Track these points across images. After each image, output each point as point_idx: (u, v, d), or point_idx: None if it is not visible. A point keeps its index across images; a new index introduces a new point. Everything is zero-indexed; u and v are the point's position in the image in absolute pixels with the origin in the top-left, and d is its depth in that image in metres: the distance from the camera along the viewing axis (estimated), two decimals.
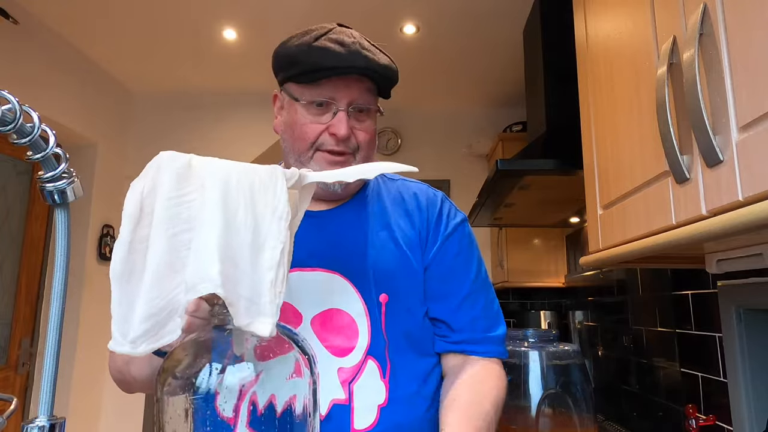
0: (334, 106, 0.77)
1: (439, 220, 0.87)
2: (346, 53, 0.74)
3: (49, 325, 0.53)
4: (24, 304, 2.64)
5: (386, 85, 0.82)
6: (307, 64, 0.75)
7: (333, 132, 0.77)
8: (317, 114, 0.78)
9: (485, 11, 2.44)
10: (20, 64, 2.41)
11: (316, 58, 0.74)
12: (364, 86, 0.79)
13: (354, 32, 0.80)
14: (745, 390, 1.08)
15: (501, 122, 3.45)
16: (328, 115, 0.78)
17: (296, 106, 0.79)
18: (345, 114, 0.77)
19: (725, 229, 0.60)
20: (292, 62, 0.77)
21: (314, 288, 0.79)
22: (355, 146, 0.80)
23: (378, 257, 0.81)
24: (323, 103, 0.77)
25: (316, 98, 0.77)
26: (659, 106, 0.73)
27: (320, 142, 0.78)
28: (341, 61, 0.74)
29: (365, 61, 0.75)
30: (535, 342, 0.89)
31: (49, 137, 0.51)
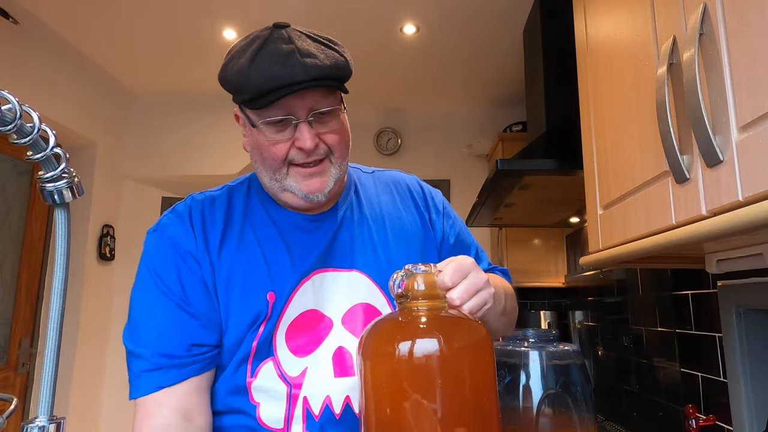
0: (292, 119, 0.74)
1: (432, 201, 0.95)
2: (287, 69, 0.69)
3: (49, 325, 0.53)
4: (24, 304, 2.64)
5: (342, 78, 0.76)
6: (250, 90, 0.71)
7: (299, 146, 0.74)
8: (278, 132, 0.75)
9: (485, 11, 2.44)
10: (20, 64, 2.41)
11: (258, 82, 0.70)
12: (318, 92, 0.74)
13: (291, 32, 0.74)
14: (745, 390, 1.08)
15: (501, 122, 3.45)
16: (290, 130, 0.75)
17: (256, 130, 0.76)
18: (306, 124, 0.74)
19: (725, 229, 0.60)
20: (236, 89, 0.73)
21: (336, 288, 0.80)
22: (326, 150, 0.78)
23: (386, 246, 0.85)
24: (281, 120, 0.74)
25: (272, 118, 0.73)
26: (659, 106, 0.73)
27: (291, 158, 0.76)
28: (283, 79, 0.69)
29: (307, 72, 0.70)
30: (535, 342, 0.89)
31: (49, 137, 0.51)
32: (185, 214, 0.80)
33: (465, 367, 0.57)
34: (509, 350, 0.88)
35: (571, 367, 0.85)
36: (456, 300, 0.62)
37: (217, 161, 3.24)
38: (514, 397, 0.84)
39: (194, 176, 3.28)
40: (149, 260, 0.77)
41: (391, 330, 0.61)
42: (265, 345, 0.75)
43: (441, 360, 0.55)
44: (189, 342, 0.73)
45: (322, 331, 0.78)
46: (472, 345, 0.60)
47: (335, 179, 0.79)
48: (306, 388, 0.74)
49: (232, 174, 3.16)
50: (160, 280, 0.75)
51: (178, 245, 0.77)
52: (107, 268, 3.08)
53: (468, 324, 0.62)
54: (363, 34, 2.66)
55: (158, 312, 0.74)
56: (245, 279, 0.77)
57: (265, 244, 0.80)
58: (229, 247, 0.79)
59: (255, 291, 0.76)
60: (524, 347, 0.87)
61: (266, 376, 0.75)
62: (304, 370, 0.75)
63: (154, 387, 0.71)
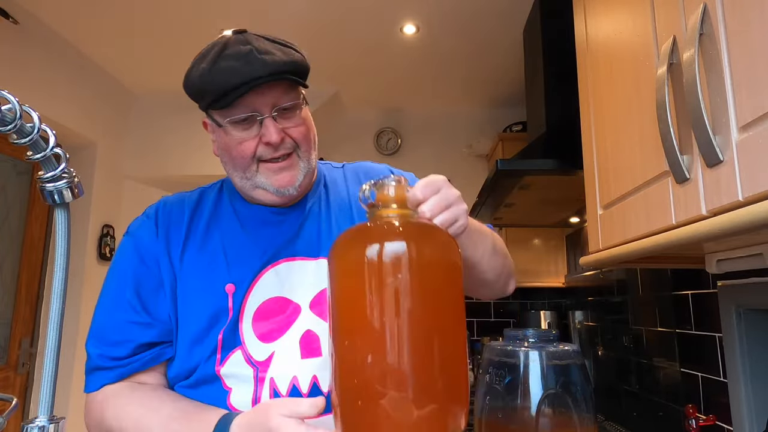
0: (257, 116, 0.77)
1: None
2: (247, 66, 0.73)
3: (49, 325, 0.53)
4: (24, 304, 2.64)
5: (298, 77, 0.79)
6: (213, 91, 0.74)
7: (266, 141, 0.77)
8: (245, 130, 0.78)
9: (485, 11, 2.44)
10: (20, 64, 2.41)
11: (220, 82, 0.73)
12: (279, 87, 0.77)
13: (248, 36, 0.78)
14: (745, 390, 1.08)
15: (501, 122, 3.45)
16: (256, 127, 0.78)
17: (223, 131, 0.79)
18: (271, 120, 0.77)
19: (725, 229, 0.60)
20: (200, 93, 0.77)
21: (303, 276, 0.82)
22: (293, 144, 0.80)
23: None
24: (246, 119, 0.77)
25: (237, 117, 0.76)
26: (659, 106, 0.73)
27: (259, 155, 0.79)
28: (244, 75, 0.73)
29: (266, 68, 0.73)
30: (535, 342, 0.89)
31: (49, 137, 0.51)
32: (152, 217, 0.85)
33: (434, 272, 0.56)
34: (509, 350, 0.88)
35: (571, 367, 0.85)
36: (427, 212, 0.62)
37: (216, 161, 3.19)
38: (514, 397, 0.84)
39: (194, 176, 3.28)
40: (114, 262, 0.84)
41: (360, 233, 0.60)
42: (232, 335, 0.77)
43: (409, 262, 0.54)
44: (135, 343, 0.77)
45: (289, 317, 0.79)
46: (442, 250, 0.59)
47: (305, 173, 0.82)
48: (272, 370, 0.76)
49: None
50: (117, 283, 0.81)
51: (141, 248, 0.81)
52: (107, 268, 3.08)
53: (439, 231, 0.61)
54: (363, 34, 2.65)
55: (112, 309, 0.80)
56: (204, 276, 0.80)
57: (227, 239, 0.83)
58: (191, 248, 0.82)
59: (213, 286, 0.79)
60: (524, 347, 0.87)
61: (234, 362, 0.77)
62: (272, 354, 0.77)
63: (101, 384, 0.77)
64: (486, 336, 3.29)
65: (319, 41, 2.70)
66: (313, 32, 2.62)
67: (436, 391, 0.54)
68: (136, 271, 0.80)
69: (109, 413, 0.74)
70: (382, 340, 0.53)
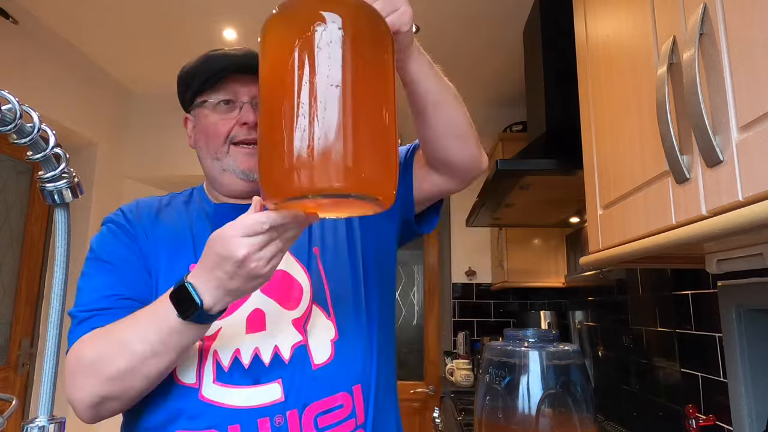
0: (239, 101, 0.85)
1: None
2: (241, 54, 0.84)
3: (49, 325, 0.53)
4: (24, 304, 2.64)
5: None
6: (206, 71, 0.85)
7: (243, 121, 0.84)
8: (225, 112, 0.85)
9: (485, 11, 2.44)
10: (20, 64, 2.41)
11: (213, 63, 0.84)
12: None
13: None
14: (745, 390, 1.08)
15: (501, 122, 3.45)
16: (236, 111, 0.85)
17: (206, 110, 0.86)
18: (250, 105, 0.85)
19: (725, 229, 0.60)
20: (193, 75, 0.86)
21: None
22: None
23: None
24: (228, 101, 0.85)
25: (222, 97, 0.85)
26: (659, 106, 0.73)
27: (233, 135, 0.85)
28: (237, 60, 0.83)
29: (255, 57, 0.78)
30: (535, 342, 0.89)
31: (49, 137, 0.51)
32: (126, 209, 0.91)
33: (362, 43, 0.55)
34: (509, 350, 0.88)
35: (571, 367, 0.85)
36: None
37: None
38: (514, 397, 0.84)
39: (194, 176, 3.27)
40: (91, 247, 0.86)
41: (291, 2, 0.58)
42: None
43: (342, 26, 0.53)
44: (114, 293, 0.79)
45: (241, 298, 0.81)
46: (375, 28, 0.58)
47: None
48: (216, 343, 0.78)
49: None
50: (96, 254, 0.84)
51: (117, 229, 0.86)
52: None
53: (374, 11, 0.59)
54: None
55: (90, 277, 0.82)
56: (171, 252, 0.83)
57: (196, 227, 0.87)
58: (160, 233, 0.86)
59: (179, 263, 0.82)
60: (524, 347, 0.87)
61: None
62: (218, 329, 0.78)
63: (82, 333, 0.75)
64: (486, 336, 3.29)
65: None
66: None
67: (361, 151, 0.53)
68: (109, 240, 0.85)
69: (85, 349, 0.72)
70: (305, 100, 0.52)
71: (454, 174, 0.92)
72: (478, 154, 0.93)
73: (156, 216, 0.89)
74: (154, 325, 0.67)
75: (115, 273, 0.81)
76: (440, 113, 0.84)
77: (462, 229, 3.39)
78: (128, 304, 0.78)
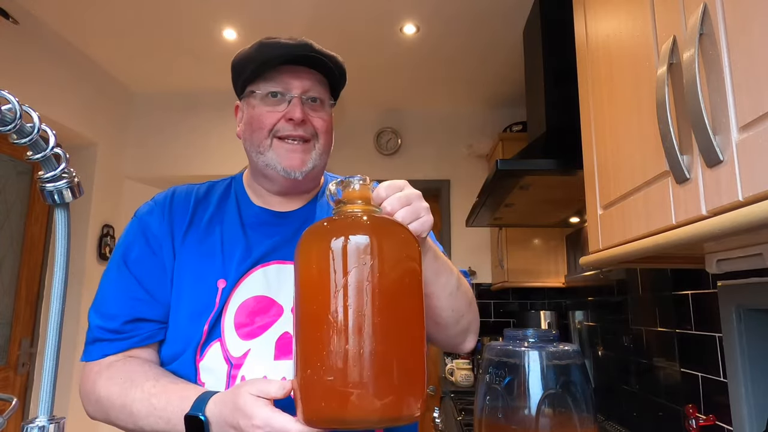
0: (288, 95, 0.83)
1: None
2: (295, 44, 0.81)
3: (49, 325, 0.53)
4: (24, 304, 2.64)
5: (335, 80, 0.87)
6: (259, 58, 0.81)
7: (289, 116, 0.81)
8: (273, 104, 0.83)
9: (485, 11, 2.44)
10: (20, 64, 2.41)
11: (267, 51, 0.81)
12: (315, 77, 0.84)
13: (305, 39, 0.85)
14: (745, 390, 1.08)
15: (501, 122, 3.45)
16: (284, 105, 0.83)
17: (253, 101, 0.84)
18: (299, 100, 0.82)
19: (725, 229, 0.60)
20: (246, 62, 0.83)
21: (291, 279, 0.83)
22: (313, 131, 0.84)
23: None
24: (277, 93, 0.83)
25: (271, 89, 0.83)
26: (659, 106, 0.73)
27: (277, 129, 0.83)
28: (290, 49, 0.81)
29: (311, 50, 0.81)
30: (535, 342, 0.89)
31: (49, 137, 0.51)
32: (160, 203, 0.88)
33: (393, 265, 0.58)
34: (509, 350, 0.88)
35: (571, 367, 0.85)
36: (387, 207, 0.66)
37: (217, 161, 3.24)
38: (514, 397, 0.84)
39: (194, 176, 3.28)
40: (120, 242, 0.86)
41: (324, 225, 0.62)
42: (214, 328, 0.80)
43: (370, 253, 0.56)
44: (135, 315, 0.80)
45: (271, 317, 0.81)
46: (401, 245, 0.61)
47: (314, 163, 0.85)
48: (244, 368, 0.78)
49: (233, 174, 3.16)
50: (123, 257, 0.84)
51: (147, 230, 0.85)
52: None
53: (399, 227, 0.64)
54: (363, 34, 2.66)
55: (114, 285, 0.83)
56: (199, 268, 0.83)
57: (226, 235, 0.86)
58: (192, 238, 0.85)
59: (207, 278, 0.82)
60: (524, 347, 0.87)
61: (213, 356, 0.79)
62: (247, 351, 0.79)
63: (100, 354, 0.80)
64: (486, 336, 3.29)
65: (319, 41, 2.69)
66: (313, 32, 2.62)
67: (392, 381, 0.56)
68: (140, 251, 0.84)
69: (100, 383, 0.77)
70: (340, 330, 0.55)
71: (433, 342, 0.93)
72: (459, 344, 0.91)
73: (191, 216, 0.87)
74: (162, 420, 0.71)
75: (140, 291, 0.81)
76: (430, 304, 0.82)
77: (462, 229, 3.39)
78: (147, 333, 0.81)
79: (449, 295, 0.82)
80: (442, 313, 0.83)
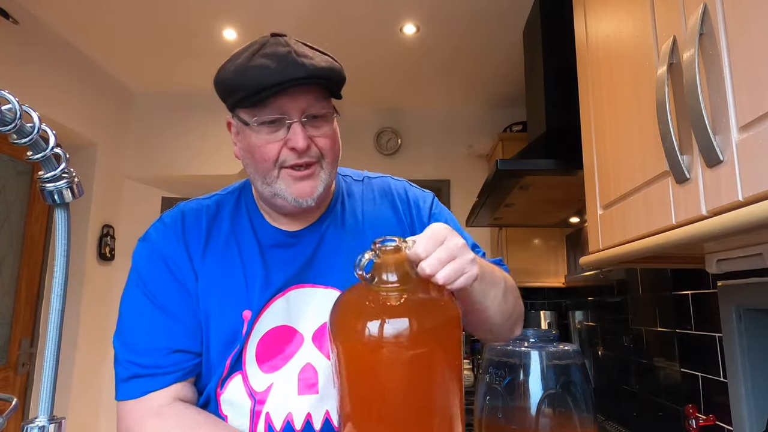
0: (286, 120, 0.75)
1: (417, 209, 0.92)
2: (282, 66, 0.71)
3: (49, 325, 0.53)
4: (24, 304, 2.64)
5: (333, 86, 0.78)
6: (246, 87, 0.72)
7: (291, 146, 0.74)
8: (271, 132, 0.75)
9: (485, 11, 2.44)
10: (20, 64, 2.41)
11: (254, 79, 0.71)
12: (311, 94, 0.76)
13: (288, 39, 0.76)
14: (745, 390, 1.08)
15: (501, 122, 3.45)
16: (283, 131, 0.75)
17: (248, 129, 0.77)
18: (299, 125, 0.75)
19: (725, 229, 0.60)
20: (232, 89, 0.75)
21: (310, 304, 0.81)
22: (318, 154, 0.78)
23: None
24: (274, 121, 0.75)
25: (266, 117, 0.74)
26: (659, 106, 0.73)
27: (282, 160, 0.76)
28: (279, 76, 0.71)
29: (303, 70, 0.72)
30: (535, 342, 0.89)
31: (49, 137, 0.51)
32: (171, 224, 0.82)
33: (429, 346, 0.58)
34: (509, 350, 0.88)
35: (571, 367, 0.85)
36: (427, 269, 0.60)
37: (217, 161, 3.24)
38: (514, 397, 0.84)
39: (194, 176, 3.28)
40: (137, 268, 0.80)
41: (361, 302, 0.60)
42: (237, 361, 0.78)
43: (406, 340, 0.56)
44: (172, 348, 0.76)
45: (292, 347, 0.79)
46: (443, 318, 0.60)
47: (325, 184, 0.79)
48: (269, 404, 0.77)
49: (232, 174, 3.16)
50: (146, 288, 0.78)
51: (164, 253, 0.80)
52: (107, 268, 3.08)
53: (438, 297, 0.61)
54: (363, 34, 2.66)
55: (144, 318, 0.77)
56: (223, 295, 0.79)
57: (247, 260, 0.81)
58: (211, 258, 0.80)
59: (233, 308, 0.78)
60: (524, 347, 0.87)
61: (234, 389, 0.77)
62: (270, 385, 0.77)
63: (141, 392, 0.74)
64: None
65: (319, 41, 2.69)
66: (313, 32, 2.62)
67: None
68: (162, 278, 0.79)
69: (148, 427, 0.73)
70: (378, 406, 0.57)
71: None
72: (510, 335, 0.89)
73: (206, 233, 0.82)
74: None
75: (171, 321, 0.78)
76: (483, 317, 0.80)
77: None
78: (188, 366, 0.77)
79: (498, 305, 0.80)
80: (494, 320, 0.82)
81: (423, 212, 0.92)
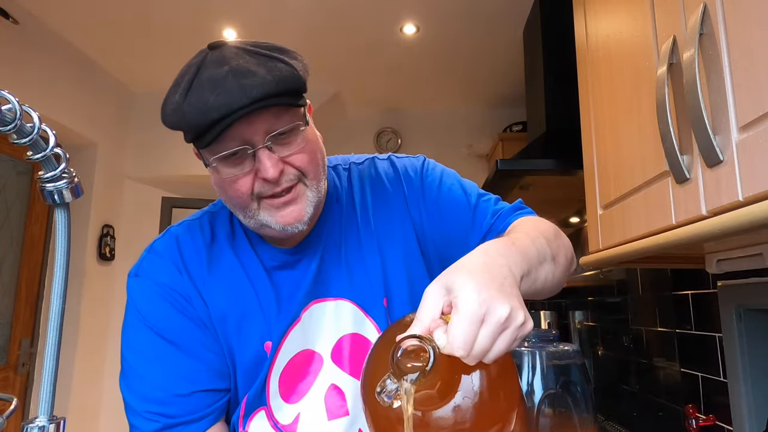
0: (248, 150, 0.65)
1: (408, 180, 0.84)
2: (222, 97, 0.61)
3: (49, 325, 0.53)
4: (24, 304, 2.64)
5: (289, 98, 0.66)
6: (189, 129, 0.64)
7: (263, 177, 0.65)
8: (236, 165, 0.66)
9: (485, 11, 2.44)
10: (20, 64, 2.41)
11: (194, 118, 0.62)
12: (269, 112, 0.64)
13: (227, 51, 0.66)
14: (745, 390, 1.08)
15: (501, 122, 3.45)
16: (249, 161, 0.65)
17: (212, 169, 0.68)
18: (265, 150, 0.65)
19: (725, 229, 0.60)
20: (177, 128, 0.67)
21: (323, 321, 0.77)
22: (297, 174, 0.68)
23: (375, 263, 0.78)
24: (236, 152, 0.64)
25: (225, 152, 0.64)
26: (659, 106, 0.73)
27: (258, 192, 0.67)
28: (221, 109, 0.60)
29: (246, 95, 0.61)
30: (535, 342, 0.89)
31: (49, 137, 0.51)
32: (167, 253, 0.75)
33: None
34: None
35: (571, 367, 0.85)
36: (473, 362, 0.48)
37: None
38: None
39: (194, 176, 3.28)
40: (137, 307, 0.72)
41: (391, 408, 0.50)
42: (258, 394, 0.73)
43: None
44: (196, 388, 0.69)
45: (313, 371, 0.75)
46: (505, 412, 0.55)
47: (314, 203, 0.70)
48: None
49: None
50: (153, 326, 0.71)
51: (164, 286, 0.72)
52: (107, 268, 3.08)
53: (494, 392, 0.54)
54: (363, 34, 2.65)
55: (157, 366, 0.70)
56: (241, 325, 0.73)
57: (258, 286, 0.75)
58: (217, 280, 0.74)
59: (253, 340, 0.73)
60: (524, 347, 0.87)
61: (258, 426, 0.73)
62: (297, 416, 0.73)
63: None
64: None
65: (320, 41, 2.70)
66: (313, 32, 2.62)
67: None
68: (165, 313, 0.71)
69: None
70: None
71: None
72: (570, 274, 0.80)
73: (207, 256, 0.75)
74: None
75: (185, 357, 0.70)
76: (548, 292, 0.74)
77: None
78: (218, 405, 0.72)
79: (554, 277, 0.70)
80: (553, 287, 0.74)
81: (414, 181, 0.84)
